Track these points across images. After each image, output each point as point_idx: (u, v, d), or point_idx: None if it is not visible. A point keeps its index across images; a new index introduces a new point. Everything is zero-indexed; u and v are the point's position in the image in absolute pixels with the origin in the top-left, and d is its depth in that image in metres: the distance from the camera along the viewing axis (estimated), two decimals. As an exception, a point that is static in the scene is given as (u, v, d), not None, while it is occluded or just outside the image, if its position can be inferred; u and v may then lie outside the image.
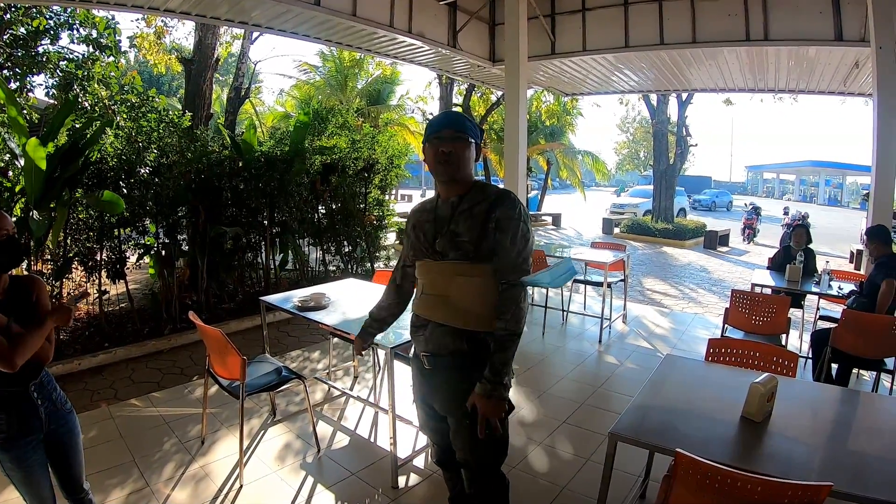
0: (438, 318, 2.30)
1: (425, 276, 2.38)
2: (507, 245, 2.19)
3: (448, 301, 2.28)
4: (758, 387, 2.45)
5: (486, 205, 2.22)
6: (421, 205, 2.51)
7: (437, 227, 2.31)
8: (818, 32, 7.67)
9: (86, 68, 8.33)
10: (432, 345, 2.32)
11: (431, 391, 2.41)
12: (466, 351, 2.26)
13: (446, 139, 2.23)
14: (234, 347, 3.38)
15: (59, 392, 2.46)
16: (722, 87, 11.52)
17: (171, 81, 31.92)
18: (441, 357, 2.32)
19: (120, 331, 6.28)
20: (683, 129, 20.24)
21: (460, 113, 2.47)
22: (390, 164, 9.43)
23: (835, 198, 53.34)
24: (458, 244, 2.22)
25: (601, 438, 4.15)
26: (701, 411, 2.59)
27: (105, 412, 4.54)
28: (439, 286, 2.31)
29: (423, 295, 2.40)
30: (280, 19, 7.24)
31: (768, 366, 3.28)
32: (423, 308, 2.38)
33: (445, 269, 2.28)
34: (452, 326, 2.27)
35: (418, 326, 2.39)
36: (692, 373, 3.09)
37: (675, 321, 7.74)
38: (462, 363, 2.27)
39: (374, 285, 5.00)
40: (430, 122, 2.34)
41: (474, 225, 2.21)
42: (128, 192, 6.23)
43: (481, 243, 2.20)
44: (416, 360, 2.47)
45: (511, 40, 8.22)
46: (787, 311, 4.93)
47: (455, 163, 2.24)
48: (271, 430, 4.25)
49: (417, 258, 2.42)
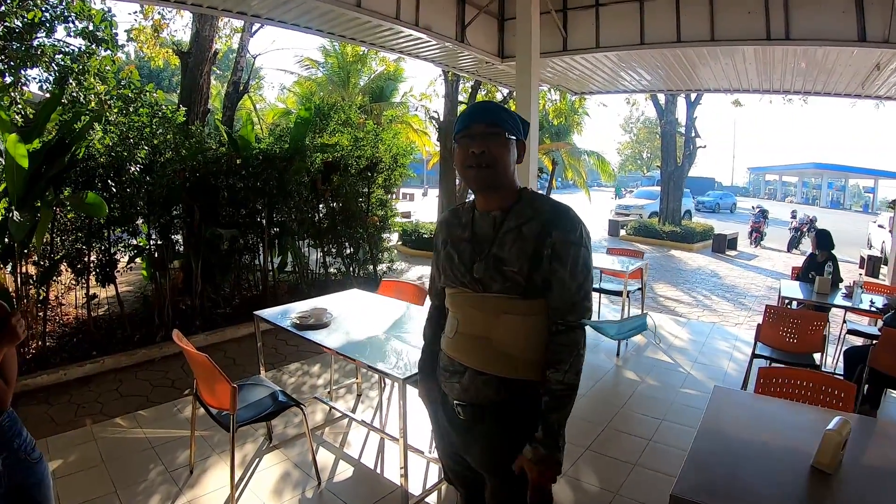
0: (478, 365, 1.85)
1: (461, 310, 1.92)
2: (565, 278, 1.77)
3: (490, 344, 1.83)
4: (833, 435, 2.09)
5: (539, 224, 1.78)
6: (453, 214, 2.04)
7: (476, 249, 1.87)
8: (840, 32, 7.36)
9: (81, 62, 8.08)
10: (470, 395, 1.87)
11: (465, 444, 1.96)
12: (512, 403, 1.84)
13: (477, 136, 1.80)
14: (222, 374, 2.97)
15: (24, 438, 2.05)
16: (735, 87, 11.23)
17: (171, 77, 31.59)
18: (480, 408, 1.87)
19: (109, 338, 5.98)
20: (692, 129, 19.93)
21: (495, 102, 2.00)
22: (394, 162, 9.10)
23: (837, 200, 53.37)
24: (505, 274, 1.78)
25: (629, 468, 3.81)
26: (765, 460, 2.23)
27: (88, 433, 4.20)
28: (479, 325, 1.86)
29: (457, 335, 1.92)
30: (281, 9, 6.90)
31: (822, 397, 2.95)
32: (458, 351, 1.91)
33: (488, 304, 1.84)
34: (496, 375, 1.83)
35: (453, 372, 1.93)
36: (745, 409, 2.73)
37: (693, 332, 7.39)
38: (506, 417, 1.85)
39: (381, 298, 4.60)
40: (458, 116, 1.87)
41: (524, 249, 1.77)
42: (117, 191, 5.94)
43: (533, 274, 1.77)
44: (447, 406, 1.99)
45: (523, 36, 7.88)
46: (824, 328, 4.60)
47: (491, 166, 1.80)
48: (267, 458, 3.88)
49: (449, 285, 1.96)
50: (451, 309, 1.99)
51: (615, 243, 17.63)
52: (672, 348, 6.63)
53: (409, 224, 15.26)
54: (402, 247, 14.15)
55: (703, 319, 8.52)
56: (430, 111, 16.40)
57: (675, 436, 4.35)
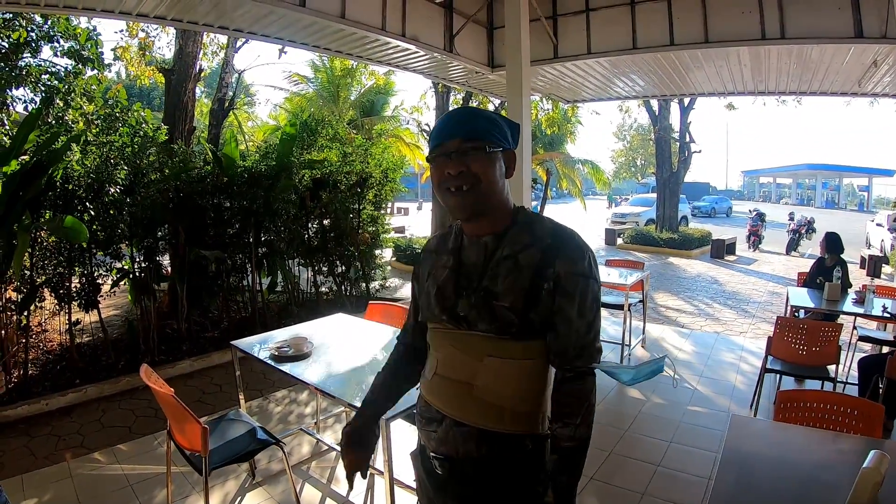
0: (457, 415, 1.57)
1: (440, 349, 1.64)
2: (572, 316, 1.48)
3: (472, 391, 1.55)
4: (871, 474, 1.84)
5: (538, 252, 1.50)
6: (438, 241, 1.74)
7: (463, 282, 1.57)
8: (837, 29, 7.23)
9: (67, 81, 7.96)
10: (448, 448, 1.59)
11: (442, 499, 1.68)
12: (494, 460, 1.55)
13: (453, 154, 1.49)
14: (191, 414, 2.72)
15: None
16: (730, 90, 11.10)
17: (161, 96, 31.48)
18: (459, 462, 1.58)
19: (93, 365, 5.82)
20: (686, 134, 19.79)
21: (472, 108, 1.70)
22: (385, 177, 8.91)
23: (832, 200, 53.62)
24: (495, 311, 1.48)
25: (637, 498, 3.56)
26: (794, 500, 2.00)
27: (65, 469, 3.99)
28: (460, 368, 1.57)
29: (435, 377, 1.64)
30: (263, 22, 6.74)
31: (850, 421, 2.71)
32: (435, 396, 1.64)
33: (471, 343, 1.55)
34: (478, 427, 1.54)
35: (429, 419, 1.65)
36: (767, 440, 2.49)
37: (696, 343, 7.17)
38: (487, 476, 1.56)
39: (366, 323, 4.34)
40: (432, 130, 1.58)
41: (520, 282, 1.48)
42: (98, 214, 5.78)
43: (530, 311, 1.47)
44: (424, 456, 1.71)
45: (513, 44, 7.72)
46: (838, 338, 4.39)
47: (474, 187, 1.49)
48: (249, 497, 3.64)
49: (429, 320, 1.68)
50: (431, 347, 1.70)
51: (612, 252, 17.48)
52: (676, 362, 6.40)
53: (402, 239, 15.10)
54: (396, 262, 13.97)
55: (706, 329, 8.32)
56: (422, 124, 16.24)
57: (685, 460, 4.10)
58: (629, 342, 6.39)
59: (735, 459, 2.26)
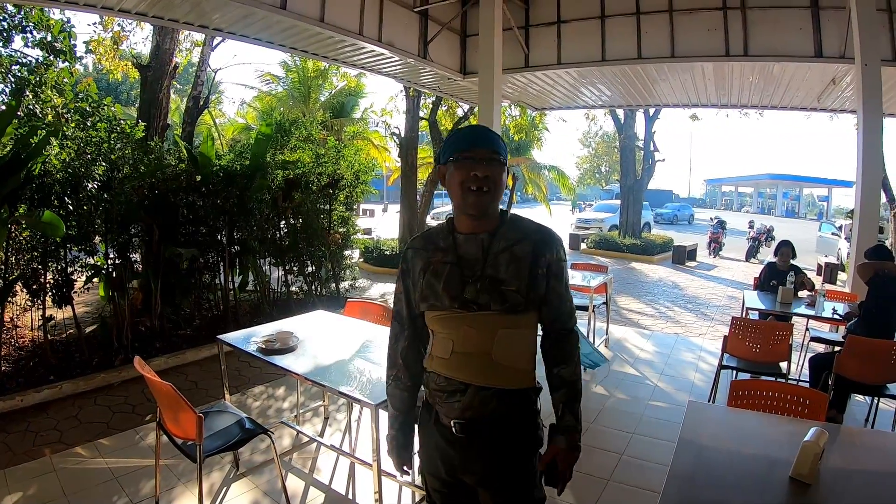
0: (481, 381, 1.87)
1: (455, 330, 1.90)
2: (562, 292, 1.94)
3: (490, 359, 1.86)
4: (811, 446, 2.11)
5: (530, 244, 1.88)
6: (425, 240, 2.02)
7: (466, 272, 1.88)
8: (798, 49, 7.61)
9: (39, 73, 7.87)
10: (473, 411, 1.89)
11: (465, 462, 1.95)
12: (510, 415, 1.91)
13: (481, 160, 1.82)
14: (188, 404, 2.85)
15: None
16: (694, 102, 11.45)
17: (129, 90, 30.98)
18: (479, 422, 1.90)
19: (67, 361, 5.75)
20: (651, 143, 20.22)
21: (489, 128, 2.00)
22: (356, 179, 8.99)
23: (792, 209, 54.77)
24: (505, 294, 1.83)
25: (603, 483, 3.80)
26: (745, 474, 2.23)
27: (47, 463, 4.01)
28: (476, 342, 1.87)
29: (454, 354, 1.91)
30: (243, 23, 6.83)
31: (793, 407, 2.99)
32: (456, 370, 1.90)
33: (485, 322, 1.85)
34: (499, 388, 1.88)
35: (451, 392, 1.91)
36: (721, 423, 2.74)
37: (657, 344, 7.46)
38: (505, 428, 1.91)
39: (346, 319, 4.52)
40: (454, 135, 1.90)
41: (520, 270, 1.84)
42: (74, 209, 5.76)
43: (530, 292, 1.85)
44: (441, 426, 1.98)
45: (486, 52, 7.94)
46: (790, 337, 4.68)
47: (491, 191, 1.83)
48: (235, 487, 3.75)
49: (433, 309, 1.94)
50: (439, 331, 1.96)
51: (577, 257, 17.72)
52: (638, 361, 6.67)
53: (370, 241, 15.16)
54: (363, 264, 14.00)
55: (666, 331, 8.60)
56: (392, 127, 16.34)
57: (647, 449, 4.36)
58: (593, 342, 6.64)
59: (692, 439, 2.49)
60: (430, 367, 2.00)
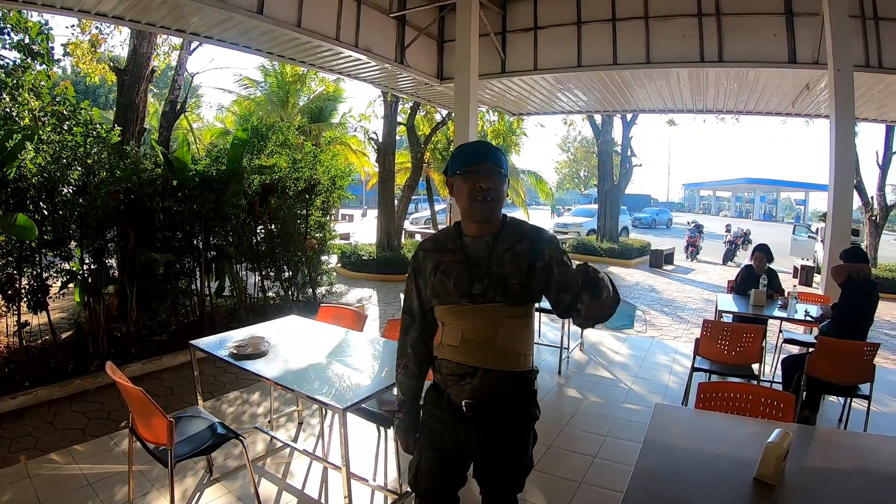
0: (489, 364, 2.12)
1: (464, 321, 2.15)
2: (568, 272, 2.08)
3: (495, 345, 2.12)
4: (773, 447, 2.13)
5: (528, 244, 2.12)
6: (435, 242, 2.28)
7: (473, 270, 2.13)
8: (772, 55, 7.72)
9: (16, 76, 7.77)
10: (483, 392, 2.13)
11: (471, 438, 2.19)
12: (515, 395, 2.18)
13: (485, 173, 2.08)
14: (158, 408, 2.84)
15: None
16: (670, 107, 11.57)
17: (107, 94, 30.71)
18: (487, 402, 2.14)
19: (42, 368, 5.66)
20: (628, 148, 20.37)
21: (491, 143, 2.30)
22: (332, 184, 8.97)
23: (770, 213, 55.34)
24: (508, 287, 2.08)
25: (575, 486, 3.82)
26: (710, 474, 2.25)
27: (22, 469, 3.98)
28: (484, 330, 2.12)
29: (463, 342, 2.15)
30: (220, 27, 6.81)
31: (763, 409, 3.01)
32: (466, 356, 2.15)
33: (491, 312, 2.11)
34: (505, 370, 2.13)
35: (462, 375, 2.16)
36: (687, 424, 2.78)
37: (632, 347, 7.52)
38: (511, 406, 2.18)
39: (319, 324, 4.50)
40: (461, 150, 2.15)
41: (521, 266, 2.09)
42: (49, 214, 5.71)
43: (530, 284, 2.10)
44: (452, 407, 2.20)
45: (462, 58, 7.96)
46: (761, 339, 4.75)
47: (494, 200, 2.10)
48: (208, 493, 3.73)
49: (446, 303, 2.18)
50: (449, 322, 2.19)
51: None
52: (613, 364, 6.72)
53: (347, 246, 15.10)
54: (341, 269, 13.92)
55: (642, 335, 8.64)
56: (370, 132, 16.30)
57: (620, 452, 4.40)
58: (568, 346, 6.68)
59: (658, 440, 2.53)
60: (440, 355, 2.24)
